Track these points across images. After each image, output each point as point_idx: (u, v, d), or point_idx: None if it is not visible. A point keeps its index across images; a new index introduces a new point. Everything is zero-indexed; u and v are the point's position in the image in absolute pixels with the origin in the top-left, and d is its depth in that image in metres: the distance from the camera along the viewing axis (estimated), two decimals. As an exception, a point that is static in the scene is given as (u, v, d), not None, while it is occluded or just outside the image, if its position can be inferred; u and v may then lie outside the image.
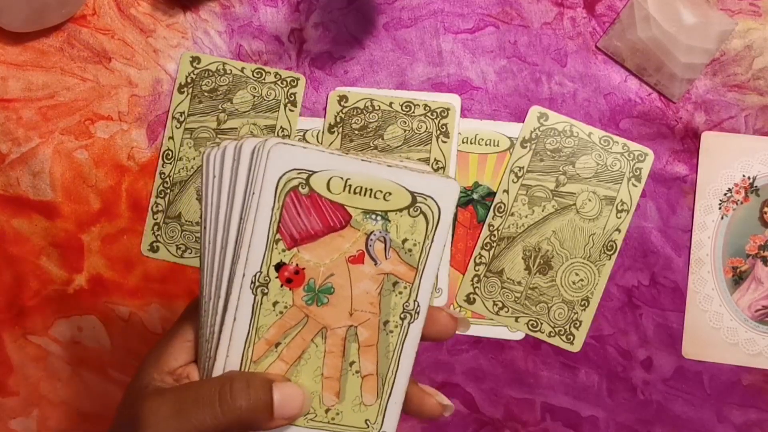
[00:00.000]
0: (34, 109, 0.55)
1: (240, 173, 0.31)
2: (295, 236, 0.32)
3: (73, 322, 0.55)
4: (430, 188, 0.32)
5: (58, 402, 0.55)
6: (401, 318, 0.33)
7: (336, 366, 0.33)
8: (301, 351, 0.33)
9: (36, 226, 0.55)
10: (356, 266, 0.32)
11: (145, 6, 0.56)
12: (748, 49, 0.54)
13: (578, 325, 0.54)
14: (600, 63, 0.55)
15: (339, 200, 0.31)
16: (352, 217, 0.32)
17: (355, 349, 0.33)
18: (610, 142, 0.54)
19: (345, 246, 0.32)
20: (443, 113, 0.55)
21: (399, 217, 0.32)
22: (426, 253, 0.32)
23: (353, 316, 0.33)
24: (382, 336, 0.33)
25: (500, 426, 0.55)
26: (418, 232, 0.32)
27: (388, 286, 0.33)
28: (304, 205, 0.31)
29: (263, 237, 0.31)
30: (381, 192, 0.32)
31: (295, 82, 0.55)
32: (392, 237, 0.32)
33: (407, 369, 0.34)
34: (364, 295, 0.32)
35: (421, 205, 0.32)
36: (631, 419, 0.54)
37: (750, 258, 0.54)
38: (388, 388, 0.33)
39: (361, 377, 0.33)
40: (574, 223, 0.54)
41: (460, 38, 0.55)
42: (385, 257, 0.32)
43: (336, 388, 0.33)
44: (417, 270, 0.33)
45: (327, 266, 0.32)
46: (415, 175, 0.32)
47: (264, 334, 0.32)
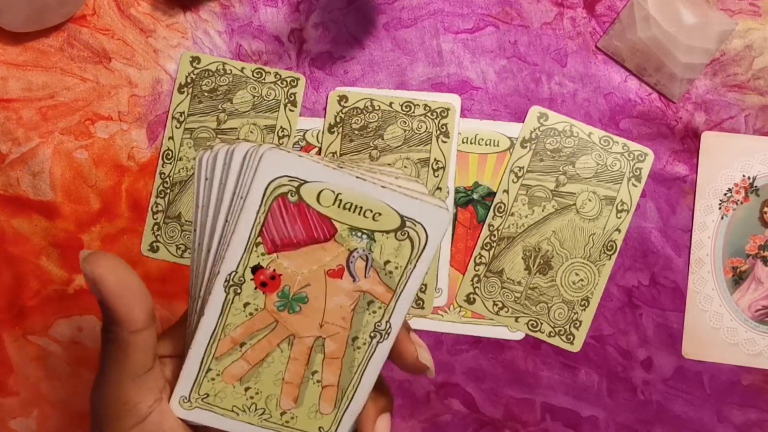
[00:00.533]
0: (34, 109, 0.55)
1: (230, 176, 0.31)
2: (276, 242, 0.31)
3: (73, 322, 0.55)
4: (421, 215, 0.32)
5: (58, 402, 0.55)
6: (371, 336, 0.33)
7: (298, 373, 0.33)
8: (266, 354, 0.33)
9: (36, 226, 0.55)
10: (334, 280, 0.32)
11: (145, 6, 0.56)
12: (748, 49, 0.54)
13: (578, 325, 0.54)
14: (600, 63, 0.55)
15: (327, 213, 0.31)
16: (338, 232, 0.32)
17: (320, 360, 0.33)
18: (610, 142, 0.54)
19: (326, 259, 0.32)
20: (443, 113, 0.55)
21: (385, 238, 0.32)
22: (406, 277, 0.32)
23: (323, 327, 0.33)
24: (348, 351, 0.33)
25: (500, 426, 0.55)
26: (402, 256, 0.32)
27: (363, 304, 0.32)
28: (290, 212, 0.31)
29: (244, 238, 0.31)
30: (371, 211, 0.31)
31: (295, 82, 0.55)
32: (375, 257, 0.32)
33: (368, 385, 0.34)
34: (338, 309, 0.32)
35: (410, 230, 0.32)
36: (631, 419, 0.54)
37: (750, 258, 0.54)
38: (346, 401, 0.34)
39: (321, 387, 0.33)
40: (574, 223, 0.54)
41: (460, 38, 0.55)
42: (364, 275, 0.32)
43: (295, 393, 0.33)
44: (395, 293, 0.32)
45: (304, 276, 0.32)
46: (407, 200, 0.31)
47: (230, 332, 0.32)
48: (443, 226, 0.32)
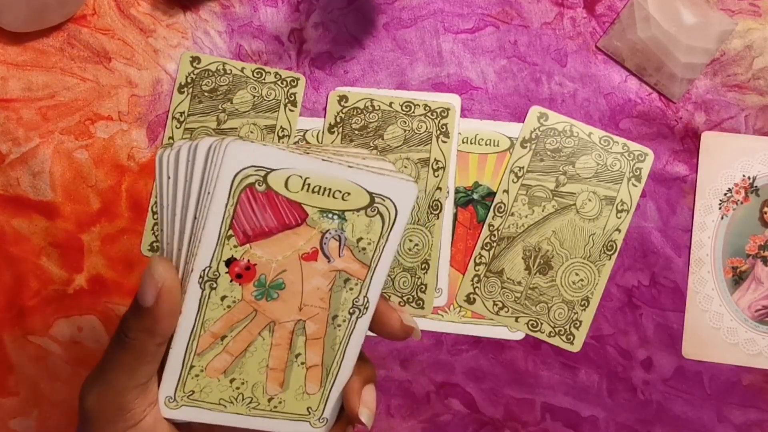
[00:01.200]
0: (34, 109, 0.55)
1: (196, 172, 0.31)
2: (248, 233, 0.32)
3: (73, 322, 0.55)
4: (388, 189, 0.32)
5: (58, 402, 0.55)
6: (350, 313, 0.33)
7: (282, 358, 0.33)
8: (247, 344, 0.33)
9: (36, 226, 0.55)
10: (309, 263, 0.32)
11: (145, 6, 0.56)
12: (748, 49, 0.54)
13: (578, 325, 0.54)
14: (600, 63, 0.55)
15: (297, 198, 0.32)
16: (309, 216, 0.32)
17: (302, 342, 0.33)
18: (610, 142, 0.54)
19: (299, 243, 0.32)
20: (443, 113, 0.55)
21: (356, 216, 0.32)
22: (380, 252, 0.33)
23: (303, 310, 0.33)
24: (329, 330, 0.33)
25: (500, 426, 0.55)
26: (374, 232, 0.32)
27: (340, 283, 0.33)
28: (259, 202, 0.31)
29: (215, 232, 0.31)
30: (340, 192, 0.32)
31: (295, 82, 0.55)
32: (348, 236, 0.32)
33: (351, 360, 0.34)
34: (315, 291, 0.33)
35: (379, 206, 0.32)
36: (631, 419, 0.54)
37: (750, 258, 0.54)
38: (331, 378, 0.34)
39: (305, 368, 0.34)
40: (574, 223, 0.54)
41: (460, 38, 0.55)
42: (338, 255, 0.33)
43: (280, 378, 0.34)
44: (369, 268, 0.33)
45: (279, 263, 0.32)
46: (374, 176, 0.32)
47: (210, 327, 0.32)
48: (411, 198, 0.32)
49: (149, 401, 0.32)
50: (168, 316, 0.31)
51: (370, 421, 0.33)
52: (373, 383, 0.35)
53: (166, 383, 0.33)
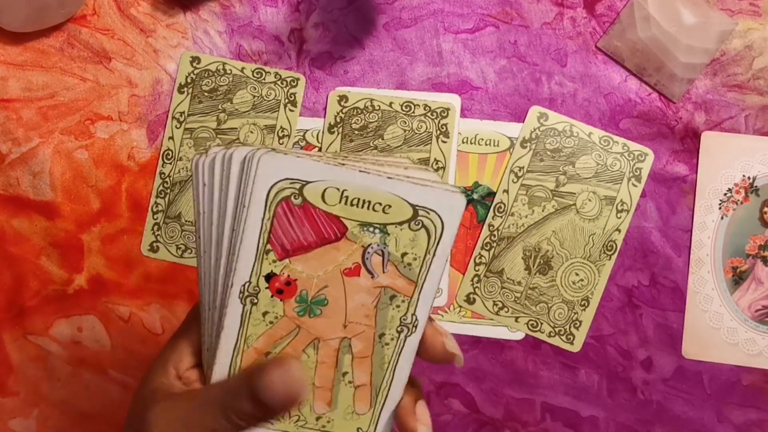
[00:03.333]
0: (34, 109, 0.55)
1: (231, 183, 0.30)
2: (286, 247, 0.31)
3: (73, 322, 0.55)
4: (433, 201, 0.30)
5: (58, 402, 0.55)
6: (398, 331, 0.32)
7: (328, 376, 0.32)
8: None
9: (36, 226, 0.55)
10: (352, 279, 0.31)
11: (145, 6, 0.56)
12: (748, 49, 0.54)
13: (578, 325, 0.54)
14: (600, 63, 0.55)
15: (335, 212, 0.30)
16: (348, 230, 0.31)
17: (349, 361, 0.32)
18: (610, 142, 0.54)
19: (340, 258, 0.31)
20: (443, 113, 0.55)
21: (399, 230, 0.31)
22: (427, 268, 0.31)
23: (347, 328, 0.32)
24: (377, 348, 0.32)
25: (500, 426, 0.55)
26: (419, 247, 0.31)
27: (385, 300, 0.32)
28: (296, 215, 0.30)
29: (252, 247, 0.30)
30: (380, 204, 0.30)
31: (295, 82, 0.55)
32: (391, 250, 0.31)
33: (402, 380, 0.33)
34: (360, 308, 0.32)
35: (423, 219, 0.31)
36: (631, 419, 0.54)
37: (750, 258, 0.54)
38: (381, 398, 0.33)
39: (354, 387, 0.32)
40: (574, 223, 0.54)
41: (460, 38, 0.55)
42: (382, 271, 0.31)
43: (327, 397, 0.32)
44: (416, 284, 0.31)
45: (320, 278, 0.31)
46: (416, 188, 0.30)
47: (253, 343, 0.31)
48: (458, 211, 0.31)
49: None
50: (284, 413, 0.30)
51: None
52: (422, 399, 0.34)
53: None
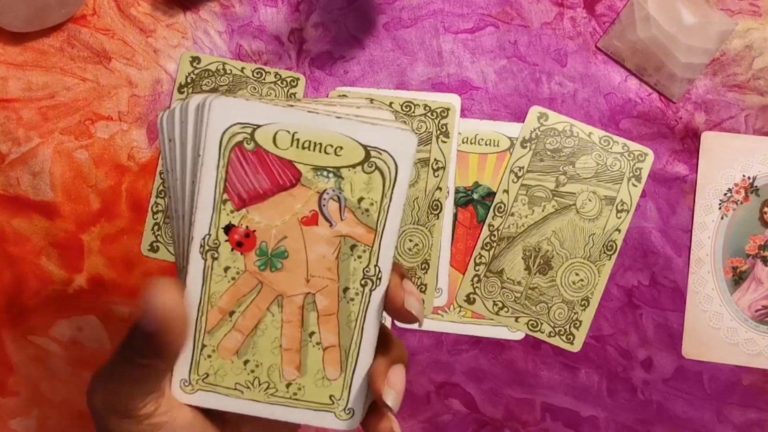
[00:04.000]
0: (34, 109, 0.55)
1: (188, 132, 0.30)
2: (243, 196, 0.30)
3: (73, 322, 0.55)
4: (384, 141, 0.29)
5: (58, 402, 0.55)
6: (362, 285, 0.31)
7: (295, 337, 0.31)
8: (257, 320, 0.31)
9: (36, 226, 0.55)
10: (310, 228, 0.30)
11: (145, 6, 0.56)
12: (748, 49, 0.54)
13: (578, 325, 0.54)
14: (600, 63, 0.55)
15: (287, 156, 0.29)
16: (302, 174, 0.30)
17: (315, 319, 0.31)
18: (610, 142, 0.54)
19: (297, 206, 0.30)
20: (443, 113, 0.55)
21: (353, 173, 0.30)
22: (385, 213, 0.30)
23: (310, 282, 0.31)
24: (342, 304, 0.31)
25: (500, 426, 0.55)
26: (375, 190, 0.30)
27: (346, 250, 0.30)
28: (250, 161, 0.29)
29: (210, 197, 0.29)
30: (332, 146, 0.29)
31: (295, 82, 0.55)
32: (347, 195, 0.30)
33: (372, 339, 0.31)
34: (321, 260, 0.30)
35: (376, 160, 0.30)
36: (631, 419, 0.54)
37: (750, 258, 0.54)
38: (352, 362, 0.31)
39: (322, 349, 0.31)
40: (574, 223, 0.54)
41: (460, 38, 0.55)
42: (340, 218, 0.30)
43: (296, 360, 0.31)
44: (376, 232, 0.30)
45: (279, 228, 0.30)
46: (366, 127, 0.29)
47: (216, 302, 0.30)
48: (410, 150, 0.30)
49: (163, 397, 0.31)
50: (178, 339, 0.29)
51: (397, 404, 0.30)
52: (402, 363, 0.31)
53: (179, 365, 0.31)
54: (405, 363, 0.32)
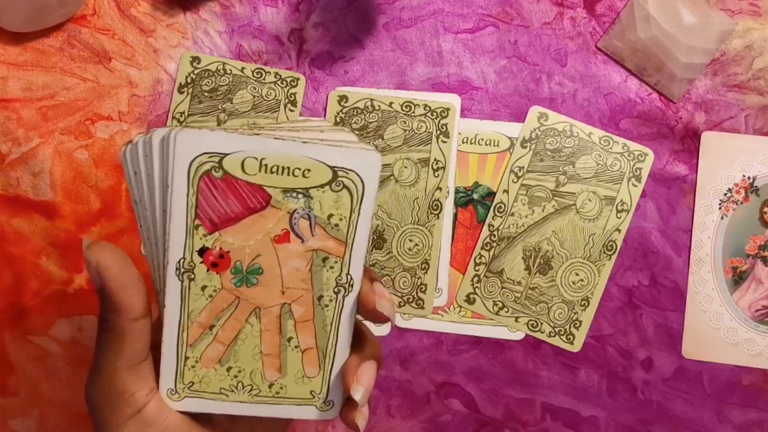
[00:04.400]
0: (34, 109, 0.55)
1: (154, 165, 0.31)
2: (214, 220, 0.31)
3: (73, 322, 0.55)
4: (350, 162, 0.31)
5: (58, 402, 0.55)
6: (335, 292, 0.33)
7: (274, 342, 0.33)
8: (237, 331, 0.33)
9: (36, 226, 0.55)
10: (282, 245, 0.32)
11: (145, 6, 0.56)
12: (748, 49, 0.54)
13: (578, 325, 0.54)
14: (600, 63, 0.55)
15: (256, 181, 0.31)
16: (272, 197, 0.31)
17: (292, 326, 0.33)
18: (610, 142, 0.54)
19: (268, 226, 0.32)
20: (443, 113, 0.55)
21: (321, 193, 0.32)
22: (354, 227, 0.32)
23: (286, 293, 0.33)
24: (317, 311, 0.33)
25: (500, 426, 0.55)
26: (344, 207, 0.32)
27: (318, 262, 0.33)
28: (219, 188, 0.31)
29: (182, 224, 0.31)
30: (299, 169, 0.31)
31: (295, 82, 0.55)
32: (317, 213, 0.32)
33: (346, 340, 0.34)
34: (295, 273, 0.32)
35: (343, 179, 0.32)
36: (631, 419, 0.54)
37: (750, 258, 0.54)
38: (329, 360, 0.34)
39: (300, 351, 0.33)
40: (574, 223, 0.54)
41: (460, 38, 0.55)
42: (311, 234, 0.32)
43: (277, 363, 0.33)
44: (346, 244, 0.32)
45: (252, 247, 0.32)
46: (333, 150, 0.31)
47: (196, 318, 0.32)
48: (376, 168, 0.32)
49: (148, 386, 0.32)
50: (121, 290, 0.31)
51: (364, 399, 0.33)
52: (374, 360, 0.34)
53: (164, 376, 0.33)
54: (378, 359, 0.34)
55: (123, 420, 0.32)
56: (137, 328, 0.32)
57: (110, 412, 0.32)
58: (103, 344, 0.32)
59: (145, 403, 0.32)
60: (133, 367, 0.32)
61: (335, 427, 0.56)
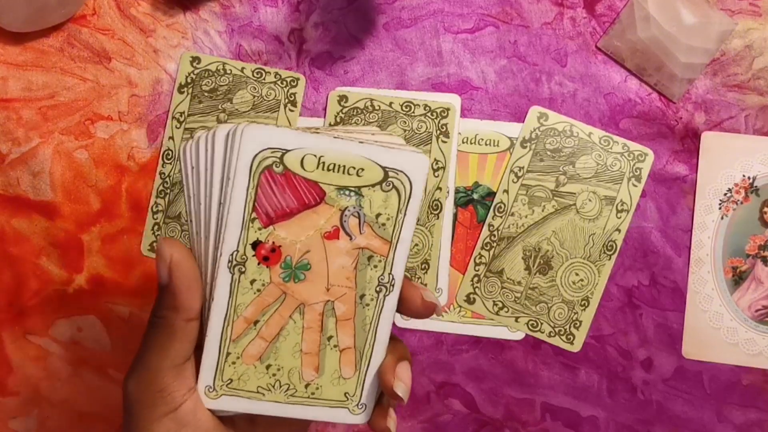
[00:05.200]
0: (34, 109, 0.55)
1: (216, 159, 0.32)
2: (270, 214, 0.32)
3: (73, 322, 0.55)
4: (401, 163, 0.33)
5: (58, 402, 0.55)
6: (377, 291, 0.34)
7: (315, 341, 0.34)
8: (280, 328, 0.33)
9: (36, 226, 0.55)
10: (332, 242, 0.33)
11: (145, 6, 0.56)
12: (748, 49, 0.54)
13: (578, 325, 0.54)
14: (600, 63, 0.55)
15: (313, 177, 0.32)
16: (327, 194, 0.33)
17: (333, 324, 0.34)
18: (610, 142, 0.54)
19: (320, 222, 0.33)
20: (443, 113, 0.55)
21: (372, 192, 0.33)
22: (399, 227, 0.33)
23: (330, 291, 0.33)
24: (358, 309, 0.34)
25: (500, 426, 0.55)
26: (391, 207, 0.33)
27: (363, 261, 0.33)
28: (278, 183, 0.32)
29: (239, 216, 0.32)
30: (354, 168, 0.32)
31: (295, 82, 0.55)
32: (366, 212, 0.33)
33: (384, 340, 0.34)
34: (341, 270, 0.33)
35: (393, 180, 0.33)
36: (631, 419, 0.54)
37: (750, 258, 0.54)
38: (366, 360, 0.34)
39: (339, 351, 0.34)
40: (574, 223, 0.54)
41: (460, 38, 0.55)
42: (359, 232, 0.33)
43: (315, 363, 0.34)
44: (391, 243, 0.33)
45: (303, 243, 0.33)
46: (386, 150, 0.32)
47: (242, 313, 0.33)
48: (424, 170, 0.33)
49: (187, 386, 0.33)
50: (186, 289, 0.32)
51: (406, 395, 0.33)
52: (407, 360, 0.35)
53: (204, 372, 0.33)
54: (409, 360, 0.35)
55: (158, 417, 0.32)
56: (190, 329, 0.32)
57: (147, 407, 0.32)
58: (152, 340, 0.32)
59: (182, 402, 0.32)
60: (177, 366, 0.32)
61: (335, 427, 0.56)
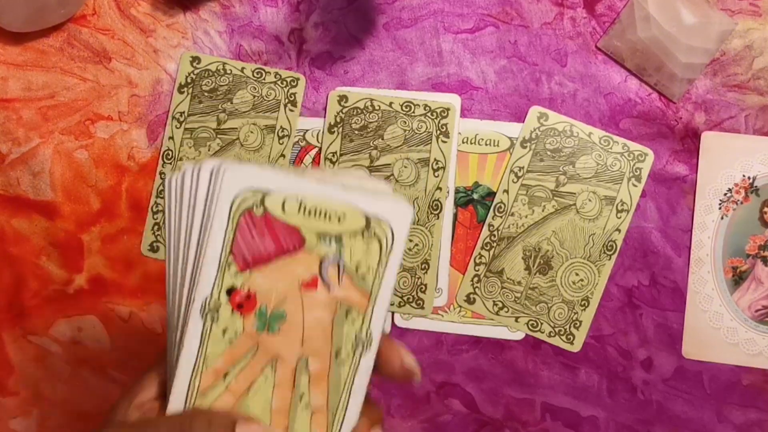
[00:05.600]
0: (34, 109, 0.55)
1: (199, 197, 0.30)
2: (247, 258, 0.31)
3: (73, 322, 0.55)
4: (384, 211, 0.31)
5: (58, 402, 0.55)
6: (353, 348, 0.32)
7: (285, 398, 0.32)
8: (250, 382, 0.32)
9: (36, 226, 0.55)
10: (309, 292, 0.32)
11: (145, 6, 0.56)
12: (748, 49, 0.54)
13: (578, 325, 0.54)
14: (600, 63, 0.55)
15: (293, 222, 0.31)
16: (306, 240, 0.31)
17: (306, 382, 0.32)
18: (610, 142, 0.54)
19: (298, 270, 0.31)
20: (443, 113, 0.55)
21: (353, 240, 0.31)
22: (380, 279, 0.32)
23: (305, 345, 0.32)
24: (333, 367, 0.32)
25: (500, 426, 0.55)
26: (372, 257, 0.32)
27: (341, 314, 0.32)
28: (258, 226, 0.31)
29: (215, 259, 0.31)
30: (335, 214, 0.31)
31: (295, 82, 0.55)
32: (346, 261, 0.31)
33: (358, 402, 0.33)
34: (317, 323, 0.32)
35: (375, 228, 0.31)
36: (631, 419, 0.54)
37: (750, 258, 0.54)
38: (338, 424, 0.33)
39: (310, 412, 0.32)
40: (574, 223, 0.54)
41: (460, 38, 0.55)
42: (338, 283, 0.32)
43: (285, 422, 0.32)
44: (370, 297, 0.32)
45: (279, 291, 0.31)
46: (369, 197, 0.31)
47: (212, 364, 0.31)
48: (406, 221, 0.32)
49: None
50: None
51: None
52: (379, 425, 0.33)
53: None
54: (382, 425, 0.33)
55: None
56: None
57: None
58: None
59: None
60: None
61: None
